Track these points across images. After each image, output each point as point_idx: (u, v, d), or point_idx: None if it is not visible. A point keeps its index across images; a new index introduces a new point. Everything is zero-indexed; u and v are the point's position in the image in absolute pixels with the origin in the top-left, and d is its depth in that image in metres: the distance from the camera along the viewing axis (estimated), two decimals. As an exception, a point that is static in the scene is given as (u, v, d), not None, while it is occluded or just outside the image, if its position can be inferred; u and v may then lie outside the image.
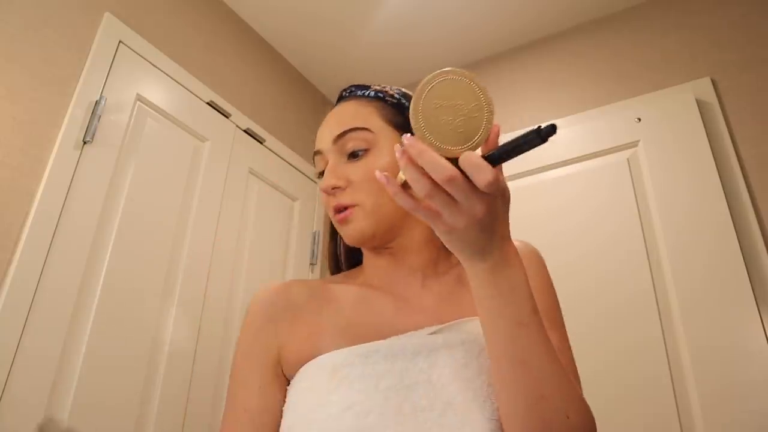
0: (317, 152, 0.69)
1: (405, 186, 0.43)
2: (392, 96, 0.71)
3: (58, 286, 1.22)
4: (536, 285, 0.58)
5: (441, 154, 0.39)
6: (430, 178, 0.40)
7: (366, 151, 0.65)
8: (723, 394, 1.30)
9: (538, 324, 0.47)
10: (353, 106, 0.69)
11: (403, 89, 0.74)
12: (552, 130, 0.35)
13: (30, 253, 1.18)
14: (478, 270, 0.46)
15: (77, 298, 1.26)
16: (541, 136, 0.35)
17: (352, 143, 0.66)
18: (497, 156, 0.39)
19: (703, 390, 1.33)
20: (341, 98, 0.74)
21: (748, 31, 1.70)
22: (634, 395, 1.39)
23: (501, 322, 0.47)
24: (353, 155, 0.66)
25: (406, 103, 0.70)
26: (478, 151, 0.41)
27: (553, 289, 0.63)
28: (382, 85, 0.73)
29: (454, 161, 0.39)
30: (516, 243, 0.61)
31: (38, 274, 1.19)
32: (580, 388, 0.54)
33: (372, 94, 0.71)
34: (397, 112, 0.69)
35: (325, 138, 0.68)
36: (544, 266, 0.64)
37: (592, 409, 0.50)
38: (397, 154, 0.42)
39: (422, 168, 0.40)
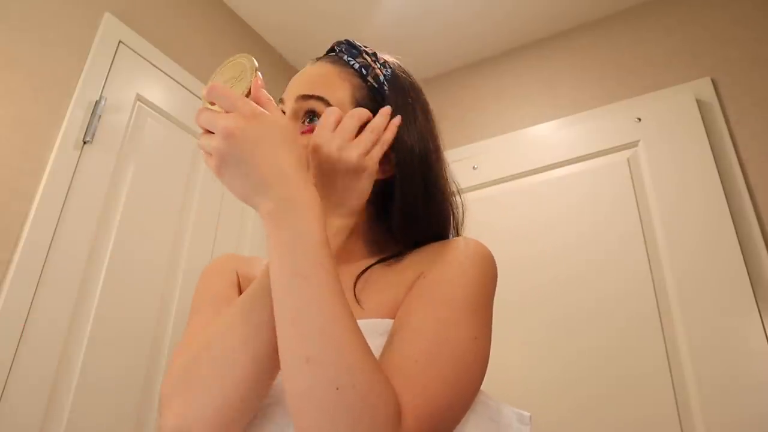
0: (281, 100, 0.66)
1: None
2: (376, 77, 0.66)
3: (58, 286, 1.22)
4: (456, 276, 0.55)
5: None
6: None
7: None
8: (723, 394, 1.30)
9: (321, 279, 0.43)
10: (332, 72, 0.66)
11: (397, 71, 0.69)
12: None
13: (30, 253, 1.18)
14: (263, 214, 0.45)
15: (77, 298, 1.25)
16: None
17: (310, 108, 0.63)
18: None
19: (704, 389, 1.33)
20: (331, 51, 0.71)
21: (749, 31, 1.70)
22: (633, 393, 1.39)
23: (281, 271, 0.44)
24: (310, 119, 0.63)
25: (387, 91, 0.66)
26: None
27: (480, 287, 0.55)
28: (376, 58, 0.68)
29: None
30: (462, 240, 0.60)
31: (38, 274, 1.19)
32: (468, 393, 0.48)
33: (357, 66, 0.67)
34: (371, 97, 0.65)
35: (292, 92, 0.65)
36: (480, 263, 0.58)
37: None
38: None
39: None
